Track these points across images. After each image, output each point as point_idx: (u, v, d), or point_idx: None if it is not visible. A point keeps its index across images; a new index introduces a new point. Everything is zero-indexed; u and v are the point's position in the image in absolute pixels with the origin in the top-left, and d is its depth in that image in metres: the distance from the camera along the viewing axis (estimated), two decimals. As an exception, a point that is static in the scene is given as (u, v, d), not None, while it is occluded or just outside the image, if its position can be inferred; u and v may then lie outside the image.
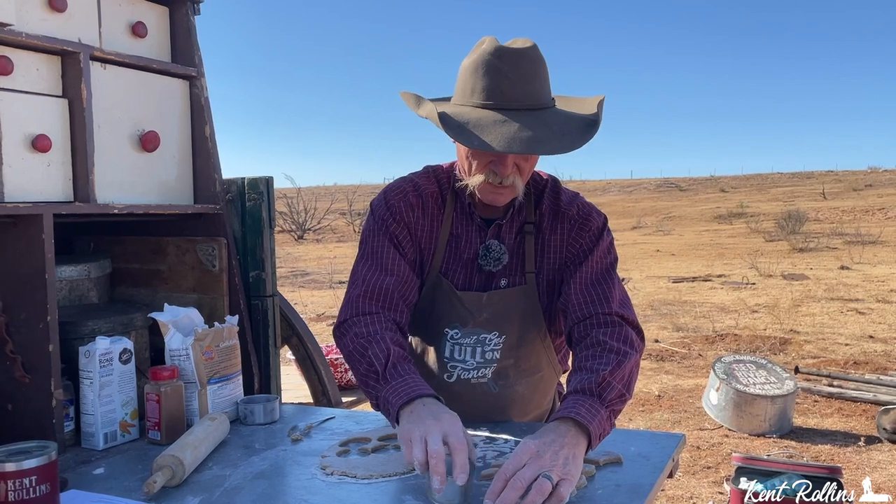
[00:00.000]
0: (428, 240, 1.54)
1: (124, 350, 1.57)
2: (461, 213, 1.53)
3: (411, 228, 1.52)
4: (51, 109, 1.57)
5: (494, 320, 1.51)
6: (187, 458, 1.31)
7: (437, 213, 1.53)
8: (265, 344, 1.93)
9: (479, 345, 1.52)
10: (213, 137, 1.89)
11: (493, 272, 1.53)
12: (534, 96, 1.35)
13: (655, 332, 7.85)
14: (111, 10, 1.73)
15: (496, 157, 1.38)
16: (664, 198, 36.99)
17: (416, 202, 1.53)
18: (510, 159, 1.38)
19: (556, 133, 1.32)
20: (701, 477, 3.89)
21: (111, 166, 1.68)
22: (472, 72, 1.37)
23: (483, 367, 1.55)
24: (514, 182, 1.41)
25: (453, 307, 1.52)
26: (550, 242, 1.52)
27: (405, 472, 1.31)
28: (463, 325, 1.52)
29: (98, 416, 1.52)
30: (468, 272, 1.53)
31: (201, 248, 1.87)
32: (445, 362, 1.55)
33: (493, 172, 1.39)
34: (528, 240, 1.51)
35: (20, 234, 1.50)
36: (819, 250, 15.64)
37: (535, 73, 1.36)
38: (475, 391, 1.56)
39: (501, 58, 1.34)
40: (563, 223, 1.52)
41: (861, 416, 4.84)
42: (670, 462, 1.37)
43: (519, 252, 1.52)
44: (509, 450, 1.41)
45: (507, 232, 1.52)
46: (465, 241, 1.53)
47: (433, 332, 1.56)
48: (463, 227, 1.53)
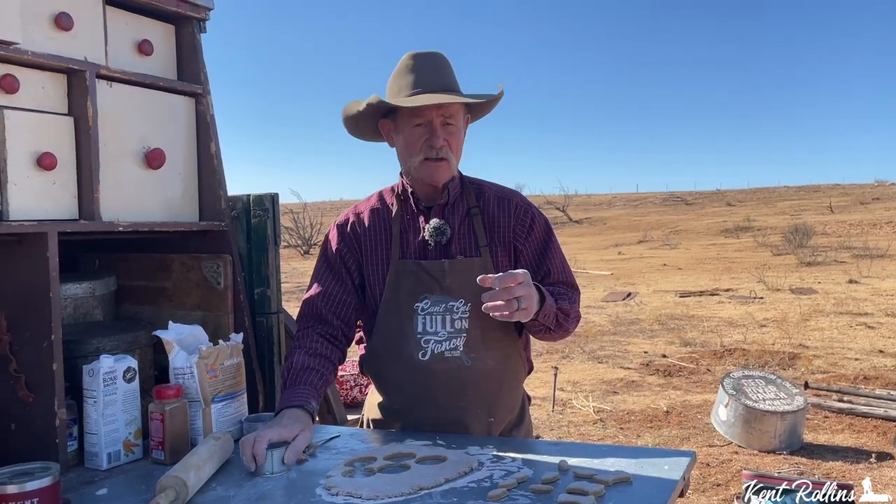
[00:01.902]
0: (379, 244, 1.76)
1: (128, 368, 1.56)
2: (407, 211, 1.77)
3: (353, 245, 1.77)
4: (56, 127, 1.57)
5: (458, 288, 1.68)
6: (191, 479, 1.29)
7: (384, 219, 1.77)
8: (270, 361, 1.91)
9: (448, 312, 1.68)
10: (219, 154, 1.89)
11: (447, 247, 1.72)
12: (448, 82, 1.70)
13: (663, 347, 7.81)
14: (117, 28, 1.73)
15: (429, 134, 1.67)
16: (670, 212, 36.95)
17: (357, 220, 1.79)
18: (439, 132, 1.67)
19: (468, 95, 1.68)
20: (711, 494, 3.85)
21: (116, 184, 1.68)
22: (397, 76, 1.71)
23: (454, 337, 1.68)
24: (448, 156, 1.69)
25: (419, 279, 1.70)
26: (498, 221, 1.75)
27: (411, 492, 1.30)
28: (431, 293, 1.69)
29: (101, 435, 1.51)
30: (423, 250, 1.74)
31: (206, 266, 1.86)
32: (419, 338, 1.68)
33: (430, 147, 1.67)
34: (476, 220, 1.74)
35: (25, 253, 1.49)
36: (827, 264, 15.56)
37: (445, 68, 1.72)
38: (449, 366, 1.68)
39: (417, 59, 1.70)
40: (508, 207, 1.77)
41: (872, 431, 4.79)
42: (681, 481, 1.35)
43: (470, 231, 1.74)
44: (517, 468, 1.39)
45: (452, 214, 1.75)
46: (415, 230, 1.75)
47: (404, 312, 1.70)
48: (410, 221, 1.76)
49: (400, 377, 1.72)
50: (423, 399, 1.70)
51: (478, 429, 1.71)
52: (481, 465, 1.43)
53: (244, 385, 1.73)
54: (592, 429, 5.07)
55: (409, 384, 1.71)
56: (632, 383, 6.32)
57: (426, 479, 1.34)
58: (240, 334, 1.74)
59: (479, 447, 1.53)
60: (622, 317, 9.88)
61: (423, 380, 1.68)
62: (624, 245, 24.61)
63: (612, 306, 10.97)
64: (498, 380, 1.73)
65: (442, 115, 1.67)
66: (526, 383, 1.87)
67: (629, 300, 11.54)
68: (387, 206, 1.79)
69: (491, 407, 1.72)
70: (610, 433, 4.97)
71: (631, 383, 6.32)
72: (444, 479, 1.35)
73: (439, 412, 1.69)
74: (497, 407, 1.73)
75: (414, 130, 1.69)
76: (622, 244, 24.95)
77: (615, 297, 11.88)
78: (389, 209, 1.78)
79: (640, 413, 5.39)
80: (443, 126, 1.68)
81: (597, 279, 14.98)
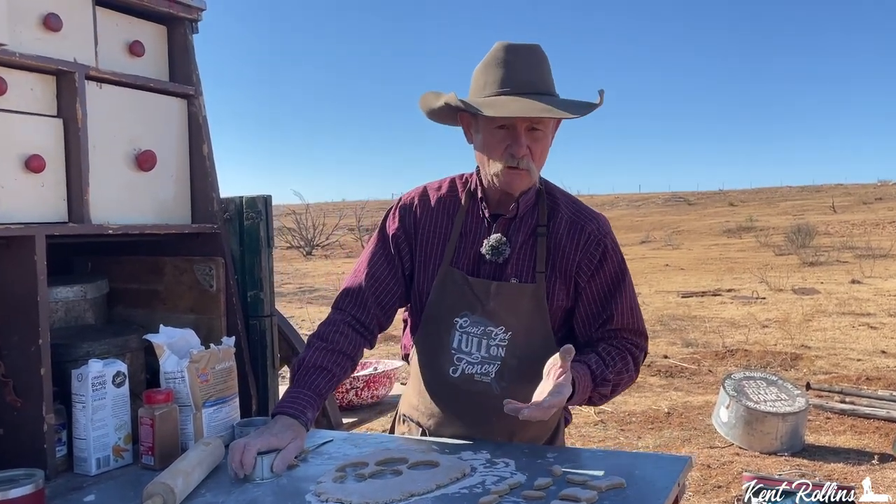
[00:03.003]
0: (436, 237, 1.65)
1: (118, 373, 1.54)
2: (474, 213, 1.65)
3: (411, 231, 1.66)
4: (45, 129, 1.56)
5: (502, 313, 1.57)
6: (178, 486, 1.27)
7: (449, 213, 1.66)
8: (263, 364, 1.90)
9: (485, 337, 1.58)
10: (211, 156, 1.88)
11: (502, 267, 1.60)
12: (540, 84, 1.52)
13: (665, 347, 7.78)
14: (108, 29, 1.72)
15: (512, 140, 1.51)
16: (672, 212, 36.88)
17: (422, 205, 1.67)
18: (523, 139, 1.51)
19: (560, 105, 1.50)
20: (712, 496, 3.82)
21: (106, 186, 1.66)
22: (485, 69, 1.54)
23: (487, 362, 1.59)
24: (529, 166, 1.53)
25: (463, 294, 1.59)
26: (564, 249, 1.60)
27: (402, 498, 1.28)
28: (472, 312, 1.59)
29: (90, 440, 1.49)
30: (477, 263, 1.62)
31: (199, 268, 1.85)
32: (452, 354, 1.60)
33: (511, 155, 1.52)
34: (541, 241, 1.59)
35: (12, 256, 1.48)
36: (829, 264, 15.51)
37: (540, 64, 1.53)
38: (476, 389, 1.59)
39: (510, 52, 1.52)
40: (578, 236, 1.60)
41: (874, 433, 4.76)
42: (676, 487, 1.33)
43: (531, 252, 1.60)
44: (509, 474, 1.38)
45: (517, 230, 1.61)
46: (475, 237, 1.63)
47: (444, 323, 1.61)
48: (474, 225, 1.64)
49: (430, 384, 1.67)
50: (447, 413, 1.65)
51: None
52: (474, 471, 1.41)
53: (236, 389, 1.72)
54: (593, 430, 5.04)
55: (437, 394, 1.66)
56: (633, 384, 6.30)
57: (418, 485, 1.33)
58: (232, 338, 1.73)
59: (472, 452, 1.51)
60: (624, 317, 9.84)
61: (450, 395, 1.62)
62: (626, 245, 24.55)
63: (613, 307, 10.93)
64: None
65: (529, 119, 1.51)
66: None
67: (631, 301, 11.50)
68: (456, 198, 1.67)
69: (514, 435, 1.64)
70: (611, 434, 4.95)
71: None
72: (436, 485, 1.33)
73: (461, 430, 1.63)
74: (522, 437, 1.65)
75: (495, 133, 1.53)
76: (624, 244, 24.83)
77: (617, 297, 11.83)
78: (457, 202, 1.66)
79: (641, 414, 5.36)
80: (528, 131, 1.52)
81: (599, 280, 14.94)
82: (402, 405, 1.82)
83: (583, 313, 1.62)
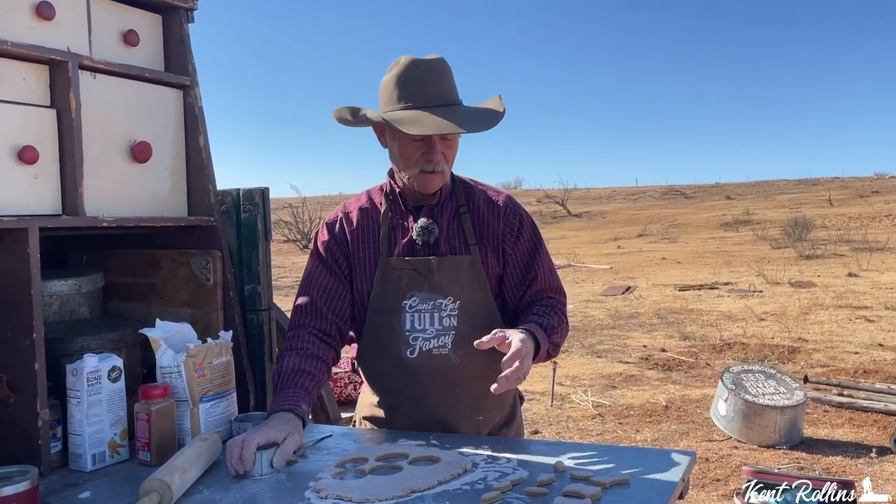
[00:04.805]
0: (367, 240, 1.74)
1: (113, 368, 1.52)
2: (396, 210, 1.75)
3: (342, 239, 1.76)
4: (38, 120, 1.53)
5: (448, 284, 1.67)
6: (175, 482, 1.25)
7: (373, 217, 1.76)
8: (261, 359, 1.87)
9: (436, 310, 1.67)
10: (208, 148, 1.85)
11: (434, 246, 1.70)
12: (445, 95, 1.64)
13: (662, 340, 7.78)
14: (102, 18, 1.69)
15: (427, 148, 1.64)
16: (669, 205, 36.90)
17: (346, 218, 1.78)
18: (438, 147, 1.64)
19: (468, 118, 1.62)
20: (710, 490, 3.82)
21: (101, 178, 1.64)
22: (395, 83, 1.64)
23: (442, 334, 1.66)
24: (443, 168, 1.67)
25: (407, 276, 1.68)
26: (487, 221, 1.73)
27: (402, 494, 1.26)
28: (419, 290, 1.67)
29: (86, 436, 1.47)
30: (411, 250, 1.71)
31: (195, 262, 1.82)
32: (407, 335, 1.67)
33: (427, 161, 1.65)
34: (465, 218, 1.72)
35: (5, 249, 1.45)
36: (826, 257, 15.54)
37: (444, 77, 1.65)
38: (436, 364, 1.66)
39: (418, 67, 1.63)
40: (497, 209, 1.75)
41: (872, 426, 4.76)
42: (680, 483, 1.31)
43: (459, 230, 1.72)
44: (511, 470, 1.36)
45: (440, 214, 1.73)
46: (403, 229, 1.73)
47: (392, 310, 1.68)
48: (400, 220, 1.74)
49: (389, 374, 1.70)
50: (411, 396, 1.68)
51: (466, 427, 1.69)
52: (475, 467, 1.39)
53: (233, 384, 1.70)
54: (591, 423, 5.03)
55: (397, 381, 1.69)
56: (631, 378, 6.29)
57: (418, 481, 1.31)
58: (229, 332, 1.70)
59: (473, 447, 1.49)
60: (621, 311, 9.85)
61: (411, 377, 1.66)
62: (623, 239, 24.58)
63: (611, 300, 10.94)
64: (486, 378, 1.65)
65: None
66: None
67: (628, 294, 11.51)
68: (375, 205, 1.77)
69: (479, 405, 1.70)
70: (609, 428, 4.94)
71: (630, 378, 6.29)
72: (437, 481, 1.31)
73: (427, 410, 1.68)
74: (485, 405, 1.71)
75: (412, 143, 1.64)
76: (621, 238, 24.91)
77: (614, 291, 11.85)
78: (378, 208, 1.76)
79: (639, 408, 5.36)
80: (441, 140, 1.65)
81: (596, 273, 14.96)
82: (361, 410, 1.85)
83: (511, 277, 1.75)
